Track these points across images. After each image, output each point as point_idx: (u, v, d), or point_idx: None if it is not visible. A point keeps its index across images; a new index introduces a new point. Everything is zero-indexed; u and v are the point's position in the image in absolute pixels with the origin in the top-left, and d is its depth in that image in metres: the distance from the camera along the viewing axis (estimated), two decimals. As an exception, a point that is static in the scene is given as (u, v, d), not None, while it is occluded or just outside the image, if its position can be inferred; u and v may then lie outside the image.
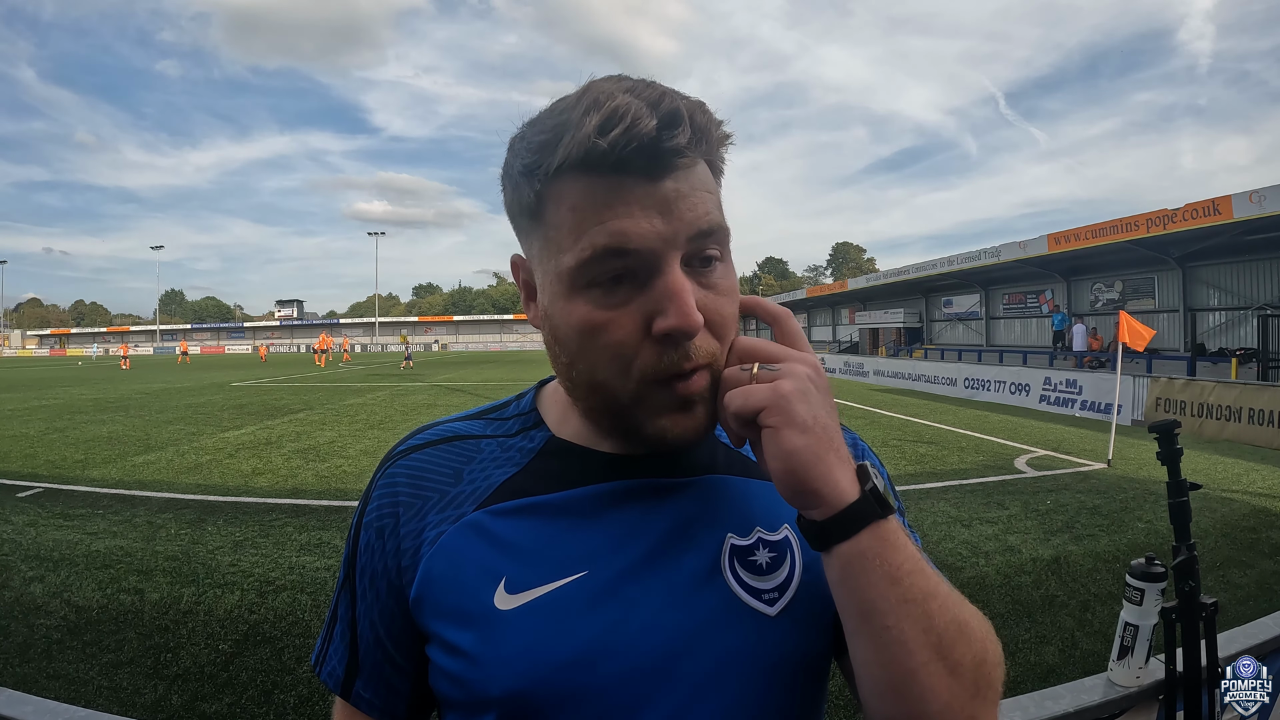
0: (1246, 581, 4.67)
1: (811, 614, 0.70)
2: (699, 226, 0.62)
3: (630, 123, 0.58)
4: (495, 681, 0.65)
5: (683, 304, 0.60)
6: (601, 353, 0.64)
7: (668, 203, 0.61)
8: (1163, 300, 21.54)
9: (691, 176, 0.63)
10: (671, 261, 0.61)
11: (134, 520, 6.27)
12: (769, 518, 0.73)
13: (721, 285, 0.65)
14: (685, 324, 0.60)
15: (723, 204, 0.68)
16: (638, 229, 0.60)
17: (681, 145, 0.60)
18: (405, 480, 0.75)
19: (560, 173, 0.62)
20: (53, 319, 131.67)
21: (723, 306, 0.65)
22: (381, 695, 0.76)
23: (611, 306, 0.63)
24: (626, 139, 0.58)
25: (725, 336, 0.65)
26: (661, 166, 0.60)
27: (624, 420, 0.67)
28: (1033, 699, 1.59)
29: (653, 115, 0.59)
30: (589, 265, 0.62)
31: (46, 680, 3.34)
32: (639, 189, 0.60)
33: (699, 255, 0.64)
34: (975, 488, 7.68)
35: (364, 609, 0.75)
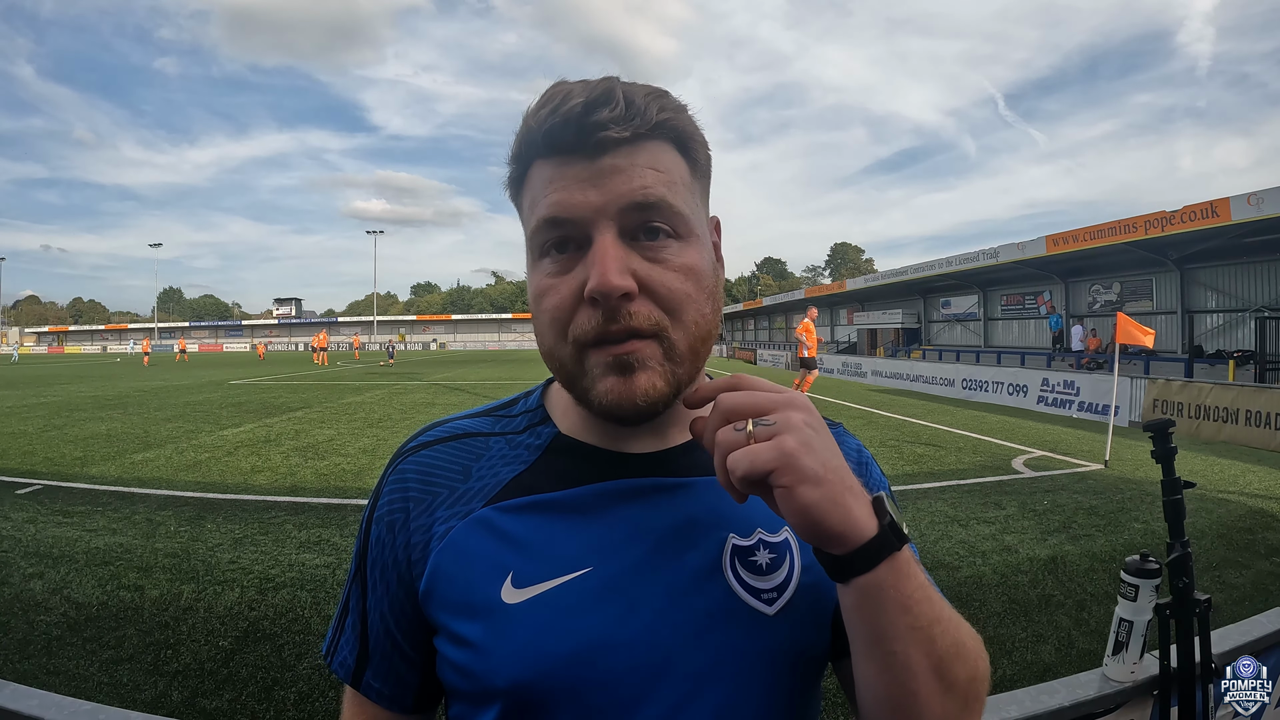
0: (1242, 582, 4.68)
1: (809, 614, 0.72)
2: (632, 198, 0.65)
3: (559, 103, 0.65)
4: (501, 673, 0.67)
5: (602, 266, 0.63)
6: (545, 317, 0.68)
7: (602, 176, 0.65)
8: (1161, 302, 21.59)
9: (635, 153, 0.66)
10: (603, 230, 0.65)
11: (133, 517, 6.27)
12: (770, 519, 0.75)
13: (673, 261, 0.67)
14: (601, 284, 0.63)
15: (697, 192, 0.71)
16: (571, 199, 0.65)
17: (605, 120, 0.64)
18: (415, 476, 0.77)
19: (525, 160, 0.70)
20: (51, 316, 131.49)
21: (670, 280, 0.66)
22: (390, 685, 0.77)
23: (556, 274, 0.67)
24: (553, 116, 0.65)
25: (676, 310, 0.67)
26: (595, 143, 0.65)
27: (573, 387, 0.70)
28: (1028, 694, 1.61)
29: (584, 95, 0.64)
30: (536, 235, 0.68)
31: (47, 676, 3.35)
32: (577, 165, 0.66)
33: (642, 228, 0.66)
34: (973, 488, 7.70)
35: (374, 601, 0.77)
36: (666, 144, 0.68)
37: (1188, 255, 19.76)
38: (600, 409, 0.67)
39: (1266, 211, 14.47)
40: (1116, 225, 18.87)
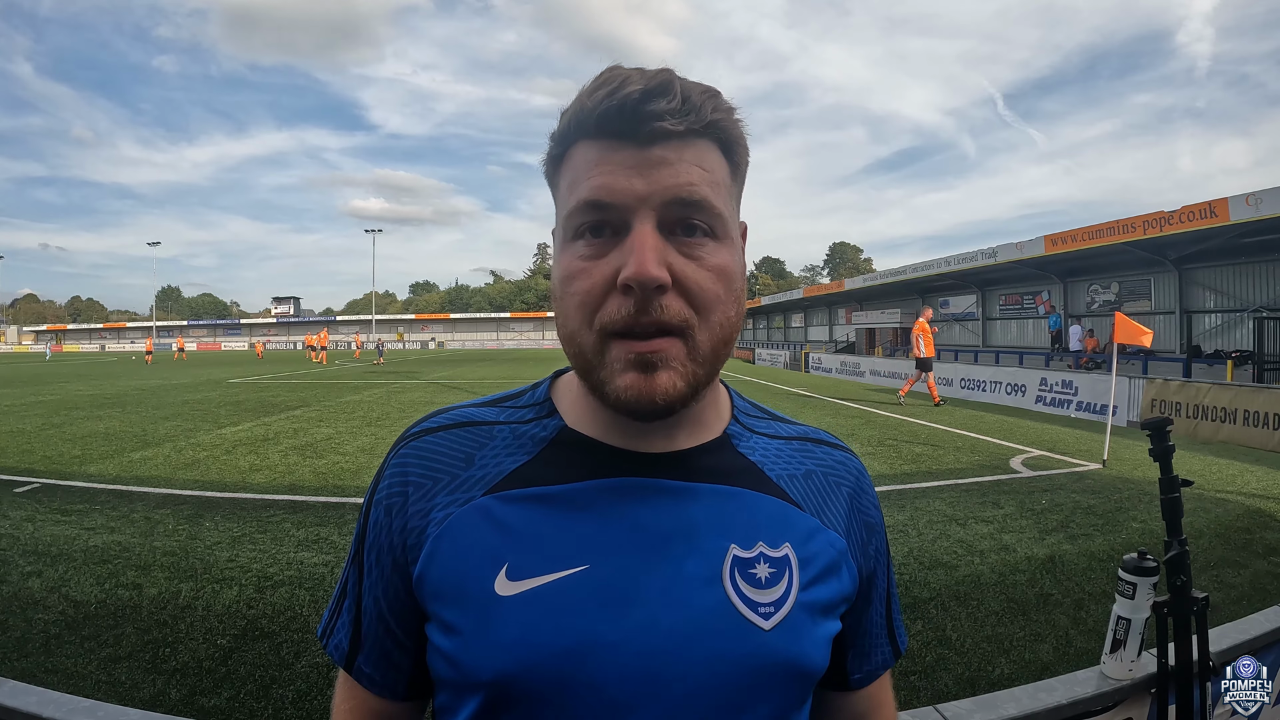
0: (1240, 581, 4.69)
1: (805, 633, 0.72)
2: (677, 193, 0.64)
3: (617, 86, 0.64)
4: (486, 665, 0.66)
5: (641, 255, 0.62)
6: (572, 300, 0.67)
7: (650, 166, 0.64)
8: (1159, 302, 21.60)
9: (685, 149, 0.66)
10: (644, 219, 0.64)
11: (132, 516, 6.27)
12: (773, 533, 0.74)
13: (707, 260, 0.67)
14: (639, 272, 0.62)
15: (734, 196, 0.71)
16: (616, 184, 0.64)
17: (662, 110, 0.64)
18: (416, 461, 0.76)
19: (569, 139, 0.69)
20: (49, 315, 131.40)
21: (703, 279, 0.66)
22: (382, 670, 0.77)
23: (589, 257, 0.66)
24: (609, 99, 0.64)
25: (705, 309, 0.66)
26: (647, 131, 0.64)
27: (590, 376, 0.68)
28: (1026, 691, 1.61)
29: (642, 83, 0.64)
30: (574, 215, 0.67)
31: (45, 674, 3.34)
32: (626, 151, 0.65)
33: (681, 223, 0.66)
34: (971, 487, 7.70)
35: (369, 585, 0.77)
36: (713, 144, 0.68)
37: (1186, 255, 19.77)
38: (617, 403, 0.67)
39: (1265, 212, 14.46)
40: (1115, 225, 18.86)
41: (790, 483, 0.79)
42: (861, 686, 0.86)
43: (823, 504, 0.79)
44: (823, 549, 0.76)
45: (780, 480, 0.78)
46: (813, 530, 0.76)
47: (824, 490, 0.80)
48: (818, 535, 0.76)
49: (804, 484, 0.80)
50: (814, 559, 0.75)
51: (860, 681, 0.86)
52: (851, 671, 0.85)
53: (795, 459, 0.82)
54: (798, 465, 0.81)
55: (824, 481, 0.81)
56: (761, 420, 0.85)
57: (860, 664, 0.85)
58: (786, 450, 0.82)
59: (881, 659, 0.87)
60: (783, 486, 0.78)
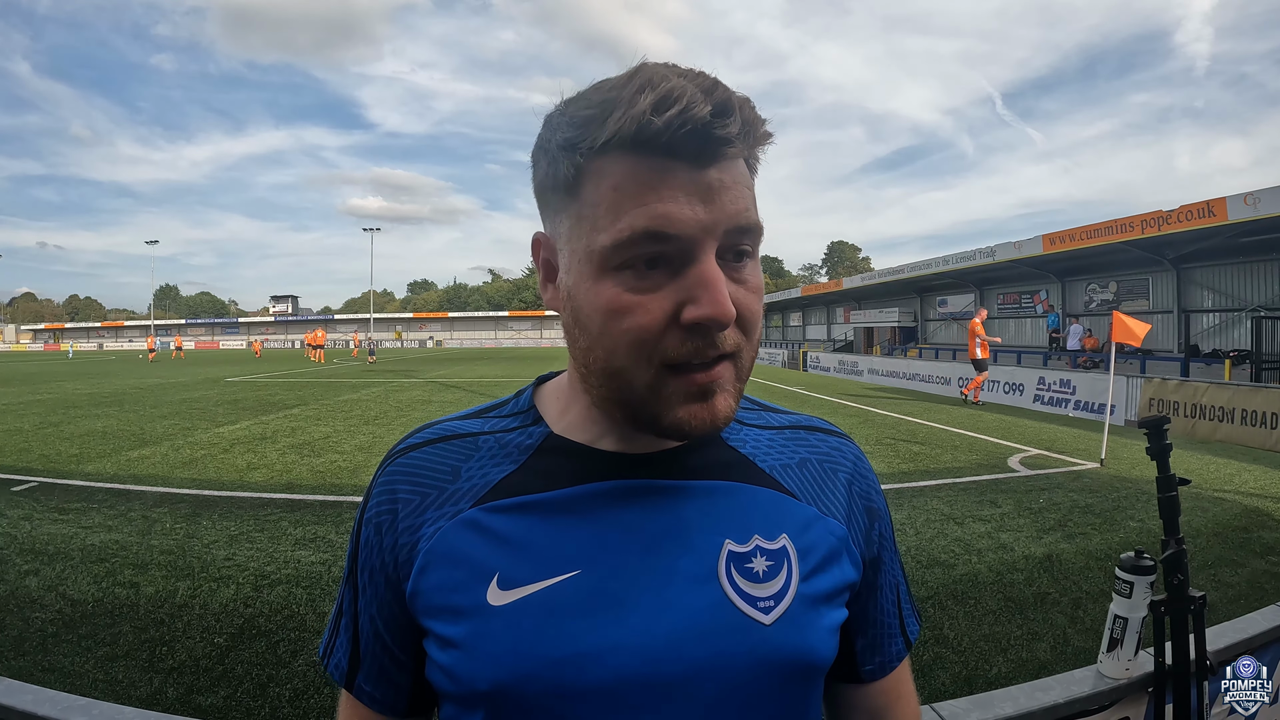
0: (1238, 580, 4.69)
1: (808, 624, 0.70)
2: (738, 221, 0.62)
3: (685, 105, 0.58)
4: (484, 676, 0.66)
5: (718, 293, 0.60)
6: (624, 336, 0.63)
7: (711, 192, 0.61)
8: (1157, 301, 21.61)
9: (734, 169, 0.63)
10: (708, 250, 0.61)
11: (129, 514, 6.26)
12: (767, 526, 0.73)
13: (751, 282, 0.65)
14: (719, 313, 0.60)
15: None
16: (680, 214, 0.60)
17: (731, 135, 0.60)
18: (404, 478, 0.75)
19: (606, 149, 0.61)
20: (47, 313, 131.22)
21: (751, 303, 0.65)
22: (382, 689, 0.77)
23: (642, 290, 0.62)
24: (681, 121, 0.58)
25: (751, 331, 0.66)
26: (710, 154, 0.60)
27: (640, 410, 0.66)
28: (1023, 690, 1.61)
29: (707, 101, 0.59)
30: (625, 246, 0.61)
31: (42, 673, 3.34)
32: (684, 174, 0.60)
33: (734, 249, 0.64)
34: (969, 486, 7.71)
35: (364, 604, 0.76)
36: (743, 159, 0.66)
37: (1184, 255, 19.78)
38: (678, 432, 0.65)
39: (1263, 211, 14.47)
40: (1113, 225, 18.86)
41: (784, 472, 0.78)
42: (875, 679, 0.84)
43: (820, 492, 0.78)
44: (822, 537, 0.75)
45: (773, 471, 0.77)
46: (810, 519, 0.75)
47: (820, 478, 0.79)
48: (816, 524, 0.75)
49: (799, 473, 0.79)
50: (813, 548, 0.74)
51: (874, 673, 0.84)
52: (863, 663, 0.83)
53: (788, 448, 0.81)
54: (791, 454, 0.80)
55: (820, 469, 0.80)
56: (751, 412, 0.84)
57: (872, 655, 0.83)
58: (779, 440, 0.81)
59: (896, 650, 0.85)
60: (776, 477, 0.77)
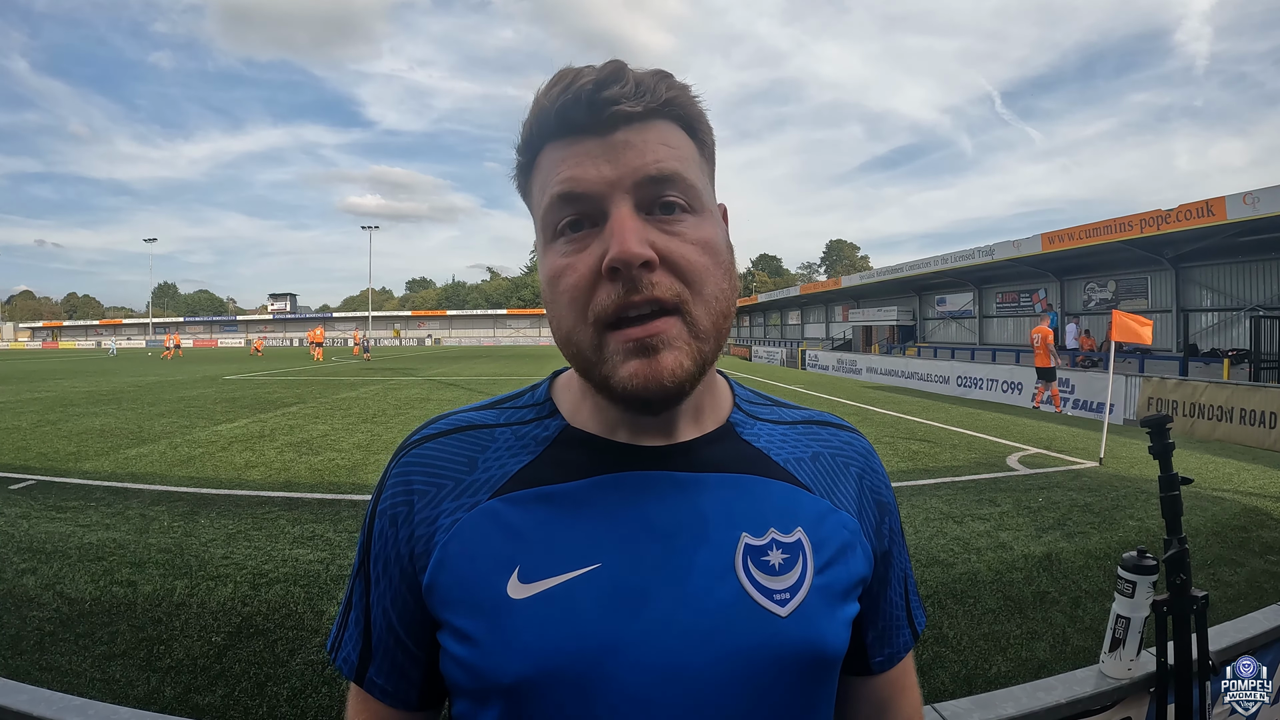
0: (1237, 580, 4.70)
1: (823, 616, 0.71)
2: (646, 172, 0.65)
3: (570, 81, 0.65)
4: (505, 669, 0.66)
5: (623, 236, 0.62)
6: (563, 298, 0.66)
7: (615, 150, 0.65)
8: (1156, 300, 21.63)
9: (647, 130, 0.66)
10: (619, 203, 0.64)
11: (126, 513, 6.25)
12: (783, 519, 0.73)
13: (689, 234, 0.66)
14: (622, 251, 0.62)
15: (706, 173, 0.72)
16: (585, 174, 0.65)
17: (617, 95, 0.64)
18: (419, 469, 0.75)
19: (534, 146, 0.69)
20: (45, 312, 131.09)
21: (689, 252, 0.66)
22: (393, 682, 0.76)
23: (572, 253, 0.66)
24: (565, 94, 0.65)
25: (694, 283, 0.66)
26: (607, 118, 0.65)
27: (594, 374, 0.67)
28: (1025, 690, 1.60)
29: (594, 74, 0.65)
30: (549, 214, 0.67)
31: (39, 672, 3.33)
32: (591, 142, 0.66)
33: (658, 202, 0.66)
34: (967, 485, 7.72)
35: (377, 596, 0.76)
36: (674, 123, 0.69)
37: (1183, 254, 19.80)
38: (624, 394, 0.65)
39: (1262, 211, 14.48)
40: (1112, 224, 18.87)
41: (798, 466, 0.78)
42: (884, 670, 0.85)
43: (833, 485, 0.79)
44: (835, 531, 0.76)
45: (788, 464, 0.78)
46: (824, 512, 0.76)
47: (833, 471, 0.80)
48: (830, 517, 0.76)
49: (812, 466, 0.79)
50: (827, 541, 0.74)
51: (882, 665, 0.85)
52: (873, 655, 0.84)
53: (801, 442, 0.81)
54: (804, 448, 0.81)
55: (832, 463, 0.81)
56: (764, 407, 0.85)
57: (881, 647, 0.84)
58: (792, 434, 0.82)
59: (904, 641, 0.86)
60: (790, 471, 0.78)
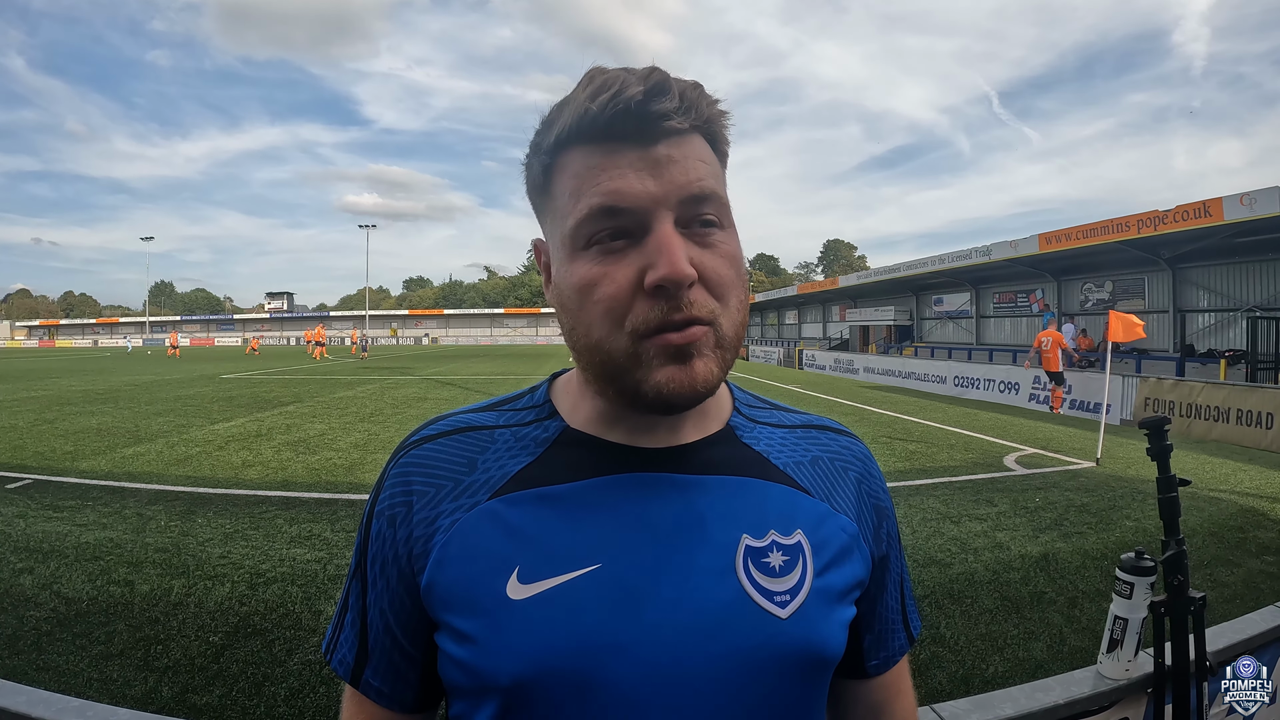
0: (1234, 580, 4.71)
1: (822, 618, 0.72)
2: (690, 190, 0.65)
3: (618, 89, 0.63)
4: (504, 670, 0.66)
5: (671, 255, 0.63)
6: (596, 308, 0.66)
7: (659, 165, 0.65)
8: (1153, 301, 21.65)
9: (685, 145, 0.66)
10: (664, 220, 0.64)
11: (124, 512, 6.24)
12: (783, 521, 0.74)
13: (721, 248, 0.67)
14: (673, 272, 0.62)
15: (725, 182, 0.72)
16: (630, 188, 0.64)
17: (668, 110, 0.64)
18: (418, 469, 0.75)
19: (562, 145, 0.67)
20: (42, 310, 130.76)
21: (721, 267, 0.67)
22: (390, 683, 0.76)
23: (608, 263, 0.66)
24: (614, 103, 0.63)
25: (725, 297, 0.67)
26: (651, 131, 0.65)
27: (623, 379, 0.67)
28: (1023, 691, 1.61)
29: (641, 84, 0.64)
30: (585, 224, 0.65)
31: (36, 672, 3.33)
32: (631, 153, 0.65)
33: (696, 219, 0.66)
34: (964, 485, 7.72)
35: (374, 597, 0.76)
36: (703, 138, 0.69)
37: (1180, 255, 19.82)
38: (657, 398, 0.66)
39: (1259, 212, 14.49)
40: (1109, 224, 18.88)
41: (797, 470, 0.79)
42: (879, 673, 0.86)
43: (832, 489, 0.80)
44: (835, 534, 0.76)
45: (787, 468, 0.79)
46: (824, 515, 0.77)
47: (832, 475, 0.81)
48: (829, 520, 0.77)
49: (811, 470, 0.80)
50: (827, 544, 0.75)
51: (878, 668, 0.86)
52: (869, 658, 0.85)
53: (800, 446, 0.82)
54: (804, 452, 0.81)
55: (831, 467, 0.82)
56: (764, 411, 0.86)
57: (877, 650, 0.85)
58: (791, 438, 0.83)
59: (899, 645, 0.87)
60: (790, 474, 0.78)
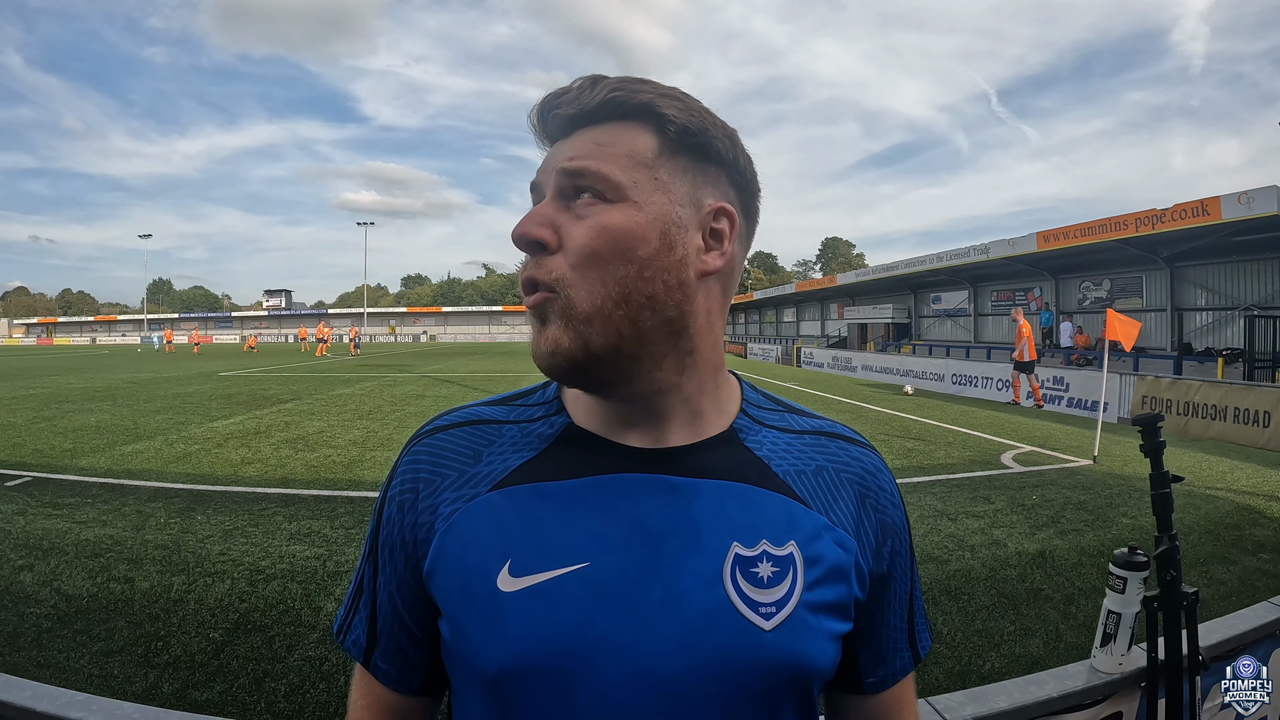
0: (1229, 577, 4.73)
1: (808, 633, 0.70)
2: (561, 164, 0.70)
3: (542, 99, 0.73)
4: (489, 659, 0.67)
5: (524, 219, 0.70)
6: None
7: (553, 154, 0.72)
8: (1150, 299, 21.68)
9: (584, 133, 0.71)
10: (543, 193, 0.72)
11: (123, 509, 6.25)
12: (777, 531, 0.73)
13: (589, 219, 0.68)
14: (515, 231, 0.70)
15: (662, 167, 0.70)
16: (536, 177, 0.74)
17: (560, 102, 0.71)
18: (427, 458, 0.78)
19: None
20: (40, 308, 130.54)
21: (578, 234, 0.68)
22: (397, 666, 0.78)
23: None
24: (536, 111, 0.74)
25: (582, 265, 0.68)
26: (558, 128, 0.73)
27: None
28: (1017, 684, 1.62)
29: (558, 90, 0.72)
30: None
31: (37, 669, 3.33)
32: (546, 148, 0.75)
33: (572, 189, 0.70)
34: (962, 482, 7.74)
35: (384, 580, 0.78)
36: (626, 123, 0.71)
37: (1178, 253, 19.84)
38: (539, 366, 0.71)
39: (1256, 211, 14.52)
40: (1107, 223, 18.91)
41: (798, 479, 0.77)
42: (877, 691, 0.84)
43: (832, 502, 0.78)
44: (829, 548, 0.75)
45: (787, 476, 0.77)
46: (820, 529, 0.75)
47: (834, 487, 0.79)
48: (825, 534, 0.75)
49: (813, 480, 0.78)
50: (820, 558, 0.74)
51: (875, 686, 0.84)
52: (866, 675, 0.83)
53: (806, 454, 0.80)
54: (808, 461, 0.80)
55: (835, 478, 0.79)
56: (774, 413, 0.84)
57: (875, 668, 0.83)
58: (798, 445, 0.81)
59: (901, 664, 0.85)
60: (789, 483, 0.77)
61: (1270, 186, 14.27)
